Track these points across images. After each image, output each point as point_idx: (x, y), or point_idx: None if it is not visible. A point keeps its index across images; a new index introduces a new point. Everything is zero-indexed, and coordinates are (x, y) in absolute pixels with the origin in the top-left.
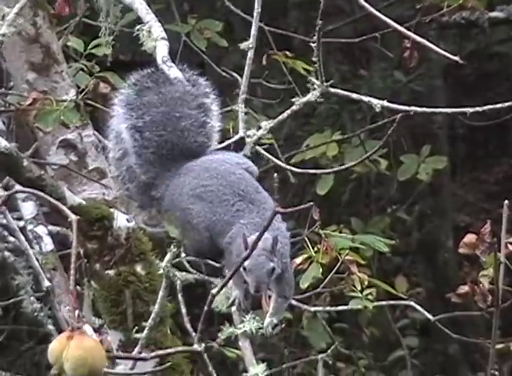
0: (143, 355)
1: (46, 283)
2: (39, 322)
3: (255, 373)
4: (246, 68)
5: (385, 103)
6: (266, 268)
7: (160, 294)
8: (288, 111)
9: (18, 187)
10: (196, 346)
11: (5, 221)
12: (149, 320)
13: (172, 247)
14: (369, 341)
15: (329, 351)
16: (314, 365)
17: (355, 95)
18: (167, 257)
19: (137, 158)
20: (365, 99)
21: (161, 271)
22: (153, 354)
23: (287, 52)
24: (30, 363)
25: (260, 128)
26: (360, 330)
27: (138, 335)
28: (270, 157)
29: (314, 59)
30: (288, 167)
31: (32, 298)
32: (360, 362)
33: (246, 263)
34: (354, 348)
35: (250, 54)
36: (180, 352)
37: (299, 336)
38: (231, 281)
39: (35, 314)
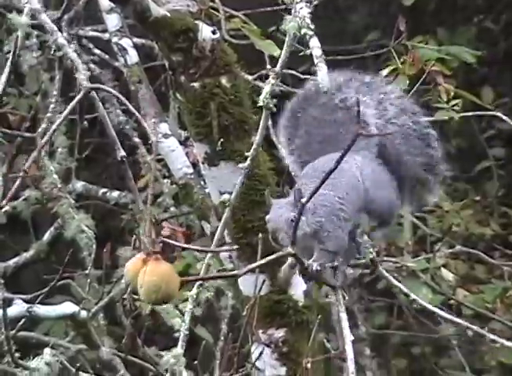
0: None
1: (122, 153)
2: (125, 135)
3: None
4: None
5: None
6: (284, 216)
7: (261, 124)
8: None
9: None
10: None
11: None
12: (251, 151)
13: (270, 78)
14: (456, 152)
15: None
16: None
17: None
18: (266, 89)
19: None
20: None
21: (260, 103)
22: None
23: None
24: (116, 176)
25: None
26: (446, 142)
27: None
28: None
29: None
30: None
31: (118, 110)
32: (446, 172)
33: (267, 216)
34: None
35: None
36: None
37: None
38: None
39: (121, 127)
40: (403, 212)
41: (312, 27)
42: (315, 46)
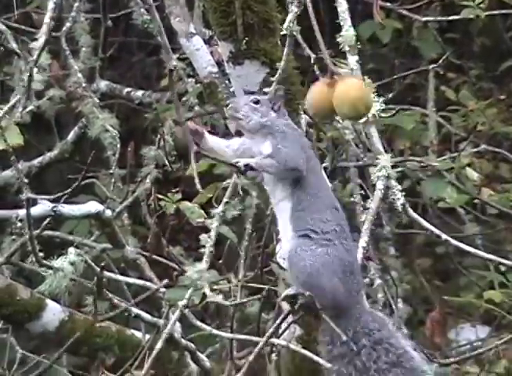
0: None
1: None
2: (149, 34)
3: (383, 165)
4: None
5: None
6: (250, 99)
7: (285, 50)
8: None
9: None
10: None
11: None
12: (276, 76)
13: (294, 7)
14: (481, 50)
15: (440, 61)
16: (425, 75)
17: None
18: (289, 17)
19: None
20: None
21: (284, 31)
22: None
23: None
24: (140, 75)
25: None
26: (471, 40)
27: None
28: None
29: None
30: None
31: (142, 9)
32: (471, 72)
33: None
34: (465, 58)
35: None
36: None
37: (410, 46)
38: None
39: (145, 26)
40: (428, 112)
41: None
42: None
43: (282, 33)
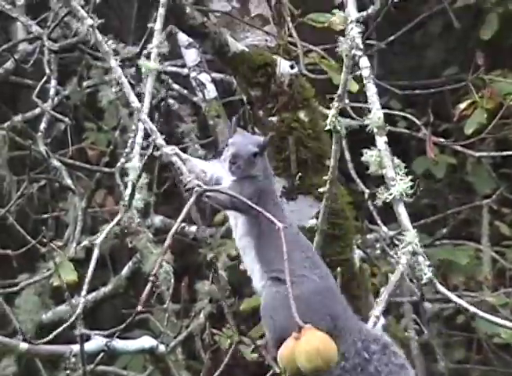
0: None
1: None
2: None
3: (409, 241)
4: None
5: None
6: (249, 148)
7: (333, 147)
8: None
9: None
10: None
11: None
12: (329, 174)
13: (335, 101)
14: None
15: (494, 196)
16: (479, 211)
17: None
18: (332, 112)
19: None
20: None
21: (328, 127)
22: None
23: None
24: (194, 210)
25: None
26: None
27: None
28: None
29: None
30: None
31: (196, 145)
32: None
33: (231, 139)
34: None
35: None
36: None
37: (463, 182)
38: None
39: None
40: (483, 247)
41: (362, 46)
42: (364, 66)
43: (325, 128)
